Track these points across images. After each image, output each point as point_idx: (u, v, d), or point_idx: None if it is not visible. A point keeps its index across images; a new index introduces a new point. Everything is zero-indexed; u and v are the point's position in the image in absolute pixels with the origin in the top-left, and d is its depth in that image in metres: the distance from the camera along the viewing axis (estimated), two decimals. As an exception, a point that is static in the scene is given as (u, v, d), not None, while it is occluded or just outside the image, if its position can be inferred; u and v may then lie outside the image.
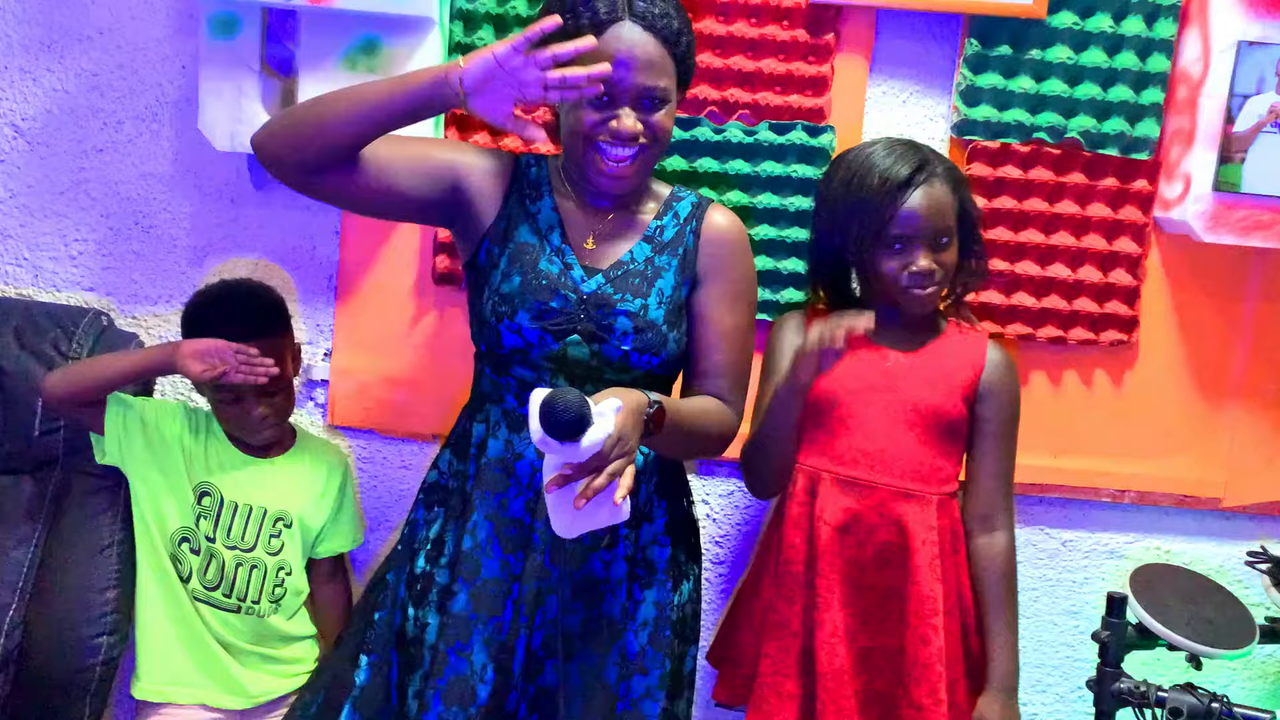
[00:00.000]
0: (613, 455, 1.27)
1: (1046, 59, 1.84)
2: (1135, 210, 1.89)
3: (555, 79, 1.30)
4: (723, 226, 1.53)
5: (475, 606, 1.46)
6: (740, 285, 1.53)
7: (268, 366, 1.62)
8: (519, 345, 1.45)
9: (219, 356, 1.59)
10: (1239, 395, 1.96)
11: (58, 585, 1.71)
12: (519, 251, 1.47)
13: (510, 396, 1.48)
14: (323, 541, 1.79)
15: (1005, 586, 1.66)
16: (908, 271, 1.60)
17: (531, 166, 1.53)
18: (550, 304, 1.44)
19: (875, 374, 1.64)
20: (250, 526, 1.70)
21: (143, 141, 1.90)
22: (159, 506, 1.68)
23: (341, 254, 1.91)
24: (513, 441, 1.48)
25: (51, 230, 1.93)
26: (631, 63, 1.37)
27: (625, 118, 1.39)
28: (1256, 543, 1.96)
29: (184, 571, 1.68)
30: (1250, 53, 1.76)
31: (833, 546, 1.61)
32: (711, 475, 1.99)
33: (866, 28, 1.87)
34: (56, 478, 1.76)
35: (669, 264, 1.49)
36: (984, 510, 1.67)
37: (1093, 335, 1.92)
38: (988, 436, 1.67)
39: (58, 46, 1.88)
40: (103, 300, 1.94)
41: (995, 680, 1.63)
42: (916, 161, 1.60)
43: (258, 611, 1.70)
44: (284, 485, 1.73)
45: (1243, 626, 1.72)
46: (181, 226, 1.92)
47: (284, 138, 1.38)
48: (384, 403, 1.93)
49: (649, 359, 1.46)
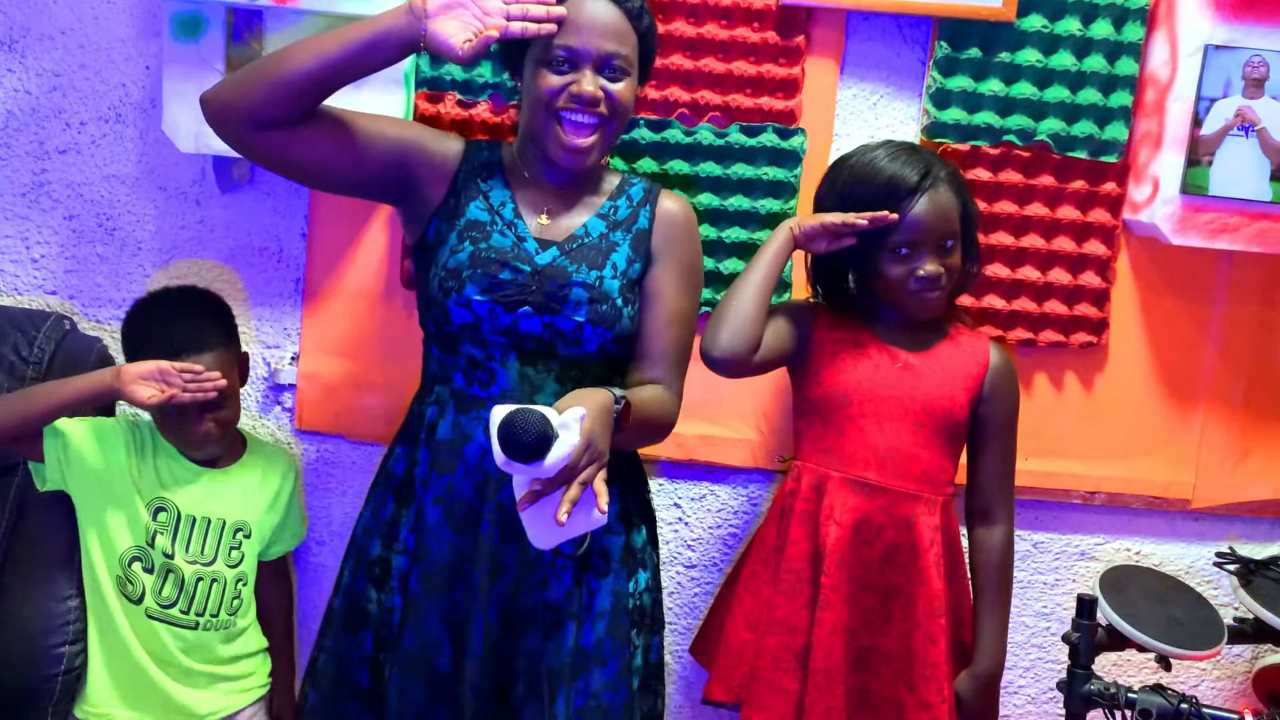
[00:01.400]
0: (583, 464, 1.26)
1: (1016, 62, 1.85)
2: (1104, 213, 1.90)
3: (518, 11, 1.36)
4: (675, 209, 1.56)
5: (427, 587, 1.47)
6: (689, 267, 1.55)
7: (215, 380, 1.58)
8: (468, 320, 1.44)
9: (164, 380, 1.55)
10: (1208, 397, 1.98)
11: (18, 594, 1.68)
12: (469, 227, 1.47)
13: (459, 375, 1.48)
14: (273, 545, 1.78)
15: (1000, 577, 1.69)
16: (914, 276, 1.60)
17: (484, 150, 1.54)
18: (500, 275, 1.44)
19: (886, 374, 1.64)
20: (210, 539, 1.67)
21: (106, 143, 1.88)
22: (106, 528, 1.64)
23: (309, 257, 1.89)
24: (460, 423, 1.47)
25: (13, 232, 1.89)
26: (594, 27, 1.41)
27: (586, 81, 1.41)
28: (1225, 544, 1.97)
29: (135, 592, 1.64)
30: (1217, 56, 1.77)
31: (842, 546, 1.61)
32: (684, 479, 1.99)
33: (837, 30, 1.87)
34: (17, 484, 1.73)
35: (623, 239, 1.50)
36: (985, 504, 1.70)
37: (1063, 337, 1.93)
38: (991, 435, 1.69)
39: (19, 46, 1.85)
40: (65, 304, 1.91)
41: (980, 662, 1.66)
42: (922, 168, 1.60)
43: (216, 625, 1.68)
44: (240, 495, 1.71)
45: (1211, 628, 1.73)
46: (146, 229, 1.90)
47: (238, 87, 1.37)
48: (352, 407, 1.91)
49: (603, 332, 1.45)
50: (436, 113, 1.82)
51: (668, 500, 1.99)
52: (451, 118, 1.82)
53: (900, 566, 1.63)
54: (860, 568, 1.62)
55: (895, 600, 1.63)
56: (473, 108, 1.82)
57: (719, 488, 1.99)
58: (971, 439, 1.70)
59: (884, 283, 1.63)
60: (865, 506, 1.62)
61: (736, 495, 1.99)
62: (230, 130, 1.38)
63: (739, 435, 1.95)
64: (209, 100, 1.39)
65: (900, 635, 1.63)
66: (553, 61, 1.42)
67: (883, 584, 1.63)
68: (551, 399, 1.44)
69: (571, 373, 1.47)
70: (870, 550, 1.63)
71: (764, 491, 1.99)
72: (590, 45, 1.41)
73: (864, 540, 1.62)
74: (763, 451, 1.95)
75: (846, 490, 1.63)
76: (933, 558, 1.62)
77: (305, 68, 1.35)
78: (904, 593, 1.63)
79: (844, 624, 1.62)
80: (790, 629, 1.64)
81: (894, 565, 1.63)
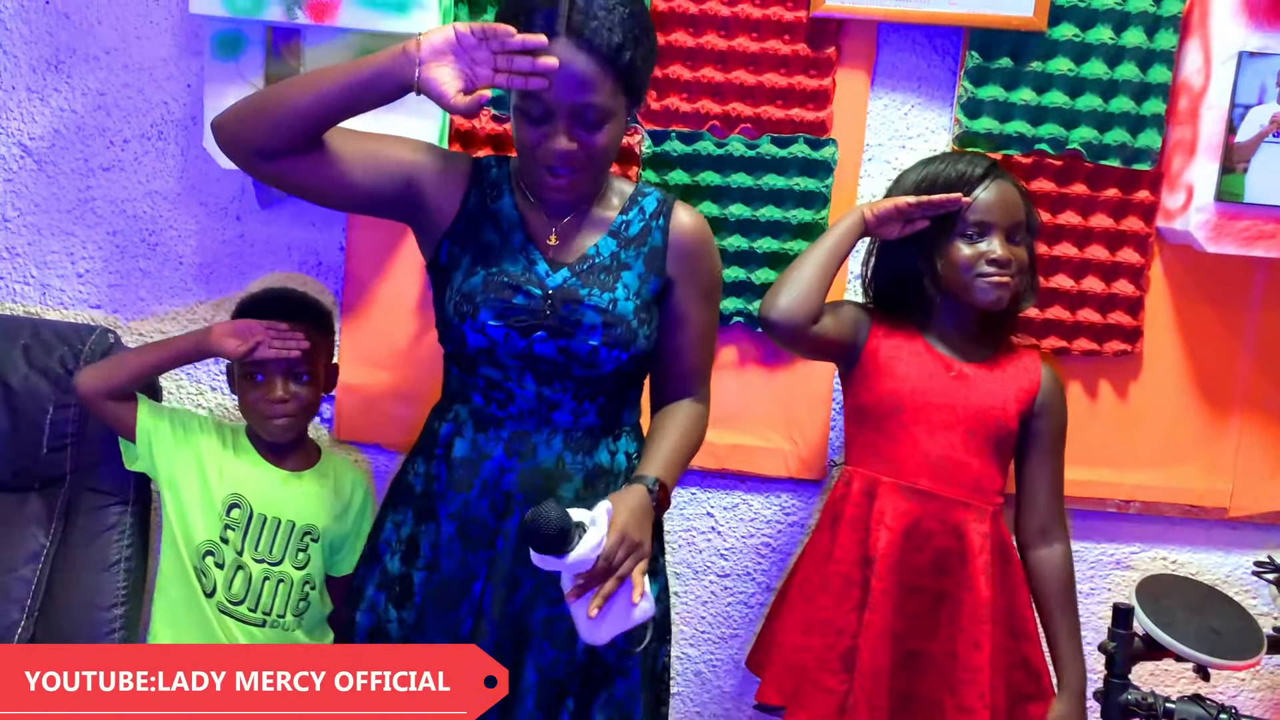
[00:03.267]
0: (617, 558, 1.31)
1: (1048, 71, 1.85)
2: (1138, 221, 1.90)
3: (505, 61, 1.32)
4: (691, 226, 1.53)
5: (434, 602, 1.48)
6: (710, 283, 1.56)
7: (299, 340, 1.65)
8: (484, 345, 1.45)
9: (250, 331, 1.64)
10: (1244, 405, 1.96)
11: (65, 602, 1.71)
12: (480, 250, 1.48)
13: (477, 395, 1.49)
14: (342, 560, 1.79)
15: (1067, 596, 1.71)
16: (985, 259, 1.62)
17: (492, 167, 1.53)
18: (514, 300, 1.44)
19: (940, 382, 1.65)
20: (279, 539, 1.70)
21: (149, 160, 1.91)
22: (185, 519, 1.68)
23: (347, 269, 1.92)
24: (478, 442, 1.48)
25: (59, 248, 1.94)
26: (565, 80, 1.35)
27: (558, 139, 1.38)
28: (1263, 552, 1.95)
29: (208, 586, 1.68)
30: (1251, 63, 1.76)
31: (892, 551, 1.62)
32: (716, 488, 2.00)
33: (867, 42, 1.88)
34: (64, 494, 1.76)
35: (635, 258, 1.49)
36: (1041, 523, 1.72)
37: (1097, 346, 1.92)
38: (1043, 451, 1.71)
39: (65, 66, 1.89)
40: (109, 317, 1.95)
41: (1070, 684, 1.68)
42: (988, 163, 1.67)
43: (282, 625, 1.70)
44: (311, 499, 1.74)
45: (1250, 637, 1.71)
46: (187, 244, 1.94)
47: (246, 118, 1.39)
48: (389, 417, 1.94)
49: (618, 354, 1.45)
50: (471, 127, 1.84)
51: (700, 510, 2.00)
52: (487, 133, 1.85)
53: (949, 572, 1.64)
54: (910, 572, 1.63)
55: (943, 605, 1.64)
56: (507, 122, 1.84)
57: (752, 497, 2.00)
58: (1021, 457, 1.71)
59: (953, 268, 1.64)
60: (916, 512, 1.63)
61: (769, 505, 2.00)
62: (237, 158, 1.41)
63: (772, 445, 1.95)
64: (218, 127, 1.41)
65: (946, 640, 1.64)
66: (528, 113, 1.38)
67: (932, 589, 1.64)
68: (569, 418, 1.47)
69: (586, 390, 1.47)
70: (920, 555, 1.63)
71: (797, 501, 2.00)
72: (562, 98, 1.35)
73: (914, 545, 1.63)
74: (796, 461, 1.96)
75: (898, 495, 1.64)
76: (981, 564, 1.62)
77: (305, 105, 1.36)
78: (951, 598, 1.64)
79: (891, 627, 1.63)
80: (837, 631, 1.65)
81: (943, 571, 1.64)
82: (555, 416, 1.47)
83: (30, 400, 1.75)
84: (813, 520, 1.99)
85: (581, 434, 1.48)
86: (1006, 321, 1.73)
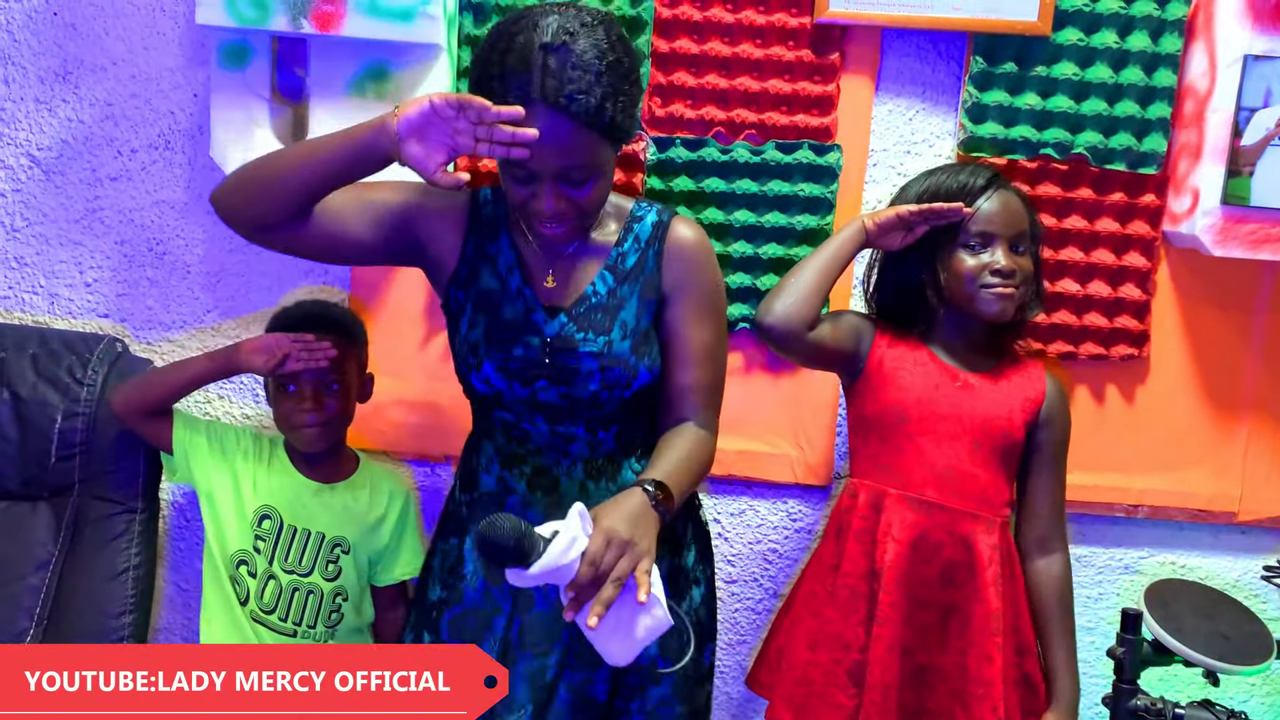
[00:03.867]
0: (606, 560, 1.23)
1: (1052, 75, 1.85)
2: (1144, 225, 1.89)
3: (485, 131, 1.29)
4: (687, 240, 1.49)
5: (457, 632, 1.48)
6: (708, 299, 1.49)
7: (326, 350, 1.66)
8: (490, 393, 1.47)
9: (277, 345, 1.65)
10: (1252, 408, 1.96)
11: (74, 610, 1.72)
12: (481, 298, 1.47)
13: (498, 434, 1.50)
14: (383, 570, 1.79)
15: (1064, 607, 1.69)
16: (989, 270, 1.61)
17: (488, 204, 1.51)
18: (514, 352, 1.44)
19: (945, 393, 1.64)
20: (308, 551, 1.71)
21: (156, 169, 1.92)
22: (221, 527, 1.70)
23: (353, 276, 1.93)
24: (504, 478, 1.49)
25: (67, 258, 1.95)
26: (546, 147, 1.31)
27: (544, 198, 1.35)
28: (1272, 557, 1.94)
29: (242, 594, 1.69)
30: (1256, 66, 1.76)
31: (900, 563, 1.61)
32: (723, 494, 2.00)
33: (872, 47, 1.88)
34: (73, 503, 1.77)
35: (630, 293, 1.47)
36: (1042, 534, 1.70)
37: (1103, 350, 1.92)
38: (1045, 462, 1.69)
39: (72, 77, 1.90)
40: (117, 327, 1.96)
41: (1061, 698, 1.66)
42: (991, 173, 1.66)
43: (313, 636, 1.71)
44: (343, 511, 1.74)
45: (1260, 642, 1.71)
46: (194, 253, 1.94)
47: (238, 196, 1.40)
48: (396, 424, 1.94)
49: (619, 394, 1.45)
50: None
51: (707, 516, 1.99)
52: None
53: (958, 584, 1.62)
54: (918, 585, 1.62)
55: (952, 618, 1.63)
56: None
57: (758, 503, 2.00)
58: (1024, 467, 1.70)
59: (957, 279, 1.63)
60: (924, 524, 1.62)
61: (776, 510, 2.00)
62: (239, 232, 1.43)
63: (778, 451, 1.95)
64: (216, 201, 1.42)
65: (956, 653, 1.62)
66: (514, 175, 1.36)
67: (941, 601, 1.63)
68: (586, 449, 1.47)
69: (598, 422, 1.47)
70: (929, 568, 1.62)
71: (803, 507, 2.00)
72: (544, 163, 1.32)
73: (922, 558, 1.62)
74: (802, 467, 1.96)
75: (905, 507, 1.63)
76: (991, 576, 1.61)
77: (295, 182, 1.37)
78: (961, 611, 1.62)
79: (901, 641, 1.61)
80: (844, 645, 1.63)
81: (952, 583, 1.62)
82: (573, 449, 1.48)
83: (39, 409, 1.75)
84: (819, 527, 1.99)
85: (603, 460, 1.49)
86: (1011, 331, 1.72)
